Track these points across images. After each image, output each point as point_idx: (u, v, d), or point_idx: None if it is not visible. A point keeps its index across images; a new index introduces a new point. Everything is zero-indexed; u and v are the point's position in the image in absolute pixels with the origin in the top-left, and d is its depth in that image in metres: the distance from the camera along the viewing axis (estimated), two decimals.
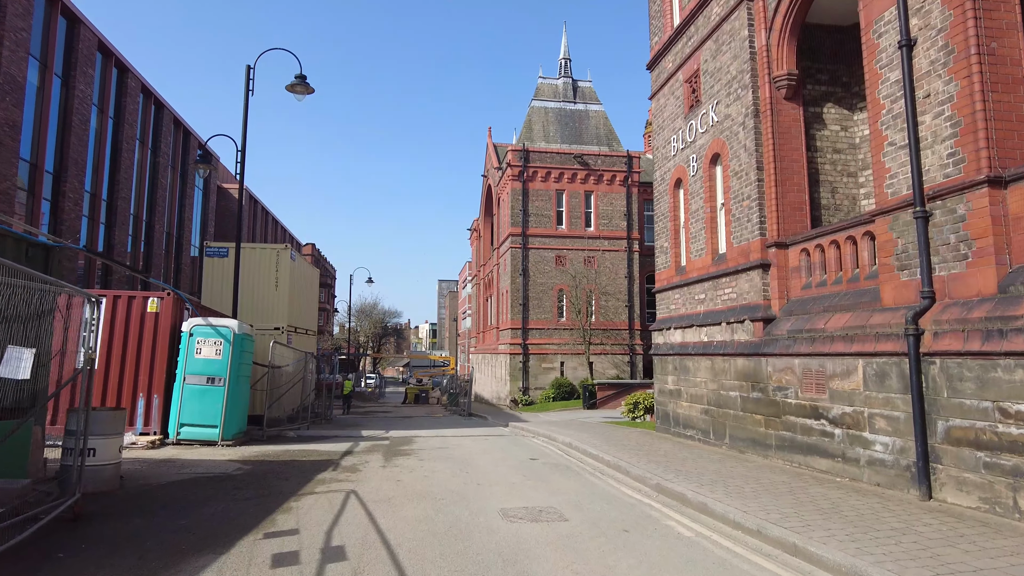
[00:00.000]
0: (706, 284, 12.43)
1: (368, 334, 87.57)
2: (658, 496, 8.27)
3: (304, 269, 24.12)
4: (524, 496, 8.12)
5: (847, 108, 11.40)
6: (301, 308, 23.50)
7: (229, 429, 12.76)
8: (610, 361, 35.11)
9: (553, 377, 34.33)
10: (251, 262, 21.23)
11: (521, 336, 34.35)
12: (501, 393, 37.00)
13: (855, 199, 11.20)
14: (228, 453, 11.66)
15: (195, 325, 12.90)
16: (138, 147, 29.88)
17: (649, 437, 13.72)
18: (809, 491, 7.85)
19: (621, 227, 36.15)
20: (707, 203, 12.52)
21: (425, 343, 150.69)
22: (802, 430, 9.36)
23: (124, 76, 27.83)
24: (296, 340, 22.67)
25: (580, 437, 13.90)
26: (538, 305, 35.01)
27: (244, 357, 13.47)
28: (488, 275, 47.26)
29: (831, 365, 8.73)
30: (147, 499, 7.53)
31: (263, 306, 21.01)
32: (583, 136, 37.86)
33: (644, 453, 11.29)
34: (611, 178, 36.26)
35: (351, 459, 11.22)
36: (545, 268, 35.24)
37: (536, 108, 38.40)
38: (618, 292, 35.31)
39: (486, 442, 14.42)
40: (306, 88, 16.84)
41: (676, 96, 14.09)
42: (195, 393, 12.63)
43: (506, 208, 36.64)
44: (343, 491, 8.24)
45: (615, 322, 35.12)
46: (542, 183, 35.71)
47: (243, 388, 13.56)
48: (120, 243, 27.67)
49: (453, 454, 12.09)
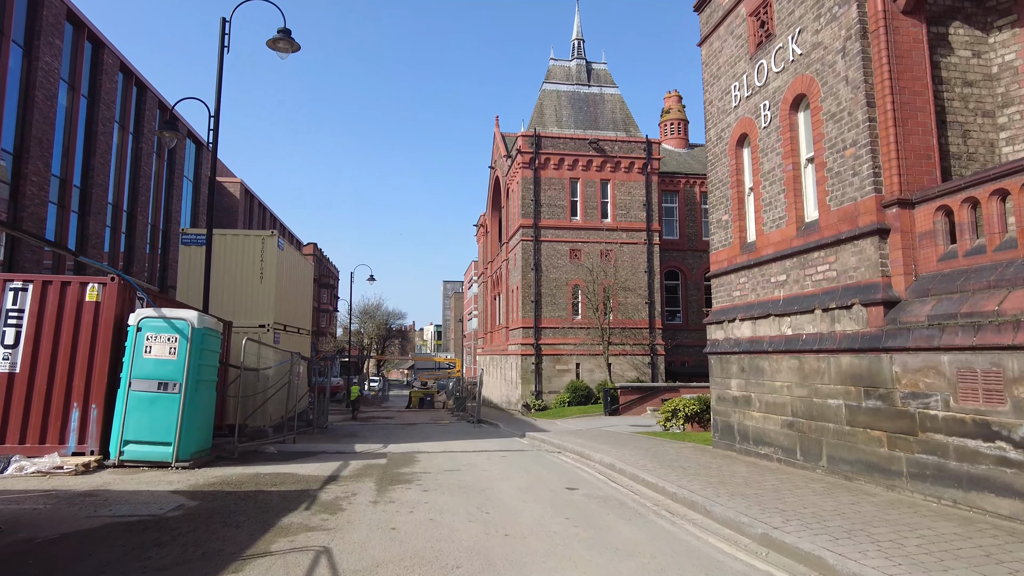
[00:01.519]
0: (788, 262, 9.78)
1: (372, 336, 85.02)
2: (777, 557, 5.63)
3: (295, 261, 21.57)
4: (578, 560, 5.50)
5: (979, 28, 8.75)
6: (291, 304, 20.94)
7: (187, 446, 10.18)
8: (629, 363, 32.43)
9: (568, 380, 31.67)
10: (231, 251, 18.69)
11: (533, 336, 31.71)
12: (512, 397, 34.36)
13: (993, 145, 8.54)
14: (179, 480, 9.07)
15: (144, 317, 10.32)
16: (117, 131, 27.41)
17: (707, 455, 11.08)
18: (1021, 554, 5.20)
19: (640, 218, 33.49)
20: (787, 159, 9.87)
21: (430, 345, 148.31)
22: (959, 454, 6.70)
23: (99, 52, 25.35)
24: (286, 340, 20.11)
25: (621, 455, 11.27)
26: (551, 302, 32.37)
27: (206, 357, 10.89)
28: (496, 272, 44.64)
29: (1015, 363, 6.08)
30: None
31: (246, 301, 18.47)
32: (598, 121, 35.24)
33: (715, 480, 8.65)
34: (629, 165, 33.62)
35: (335, 488, 8.61)
36: (559, 262, 32.61)
37: (548, 91, 35.81)
38: (638, 288, 32.64)
39: (504, 461, 11.80)
40: (290, 44, 14.28)
41: (736, 36, 11.46)
42: (143, 402, 10.06)
43: (516, 198, 34.04)
44: (312, 550, 5.64)
45: (634, 320, 32.44)
46: (555, 171, 33.10)
47: (205, 395, 10.97)
48: (96, 234, 25.16)
49: (465, 479, 9.47)
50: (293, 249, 21.24)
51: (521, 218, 32.54)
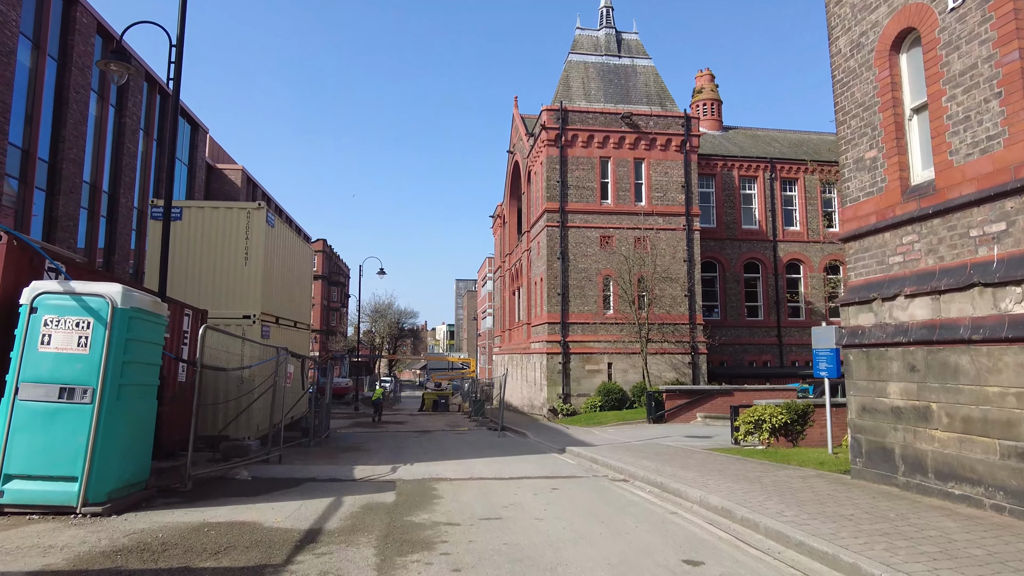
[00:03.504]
0: (1012, 202, 6.34)
1: (383, 335, 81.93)
2: None
3: (289, 242, 18.36)
4: None
5: None
6: (285, 293, 17.75)
7: (102, 482, 6.93)
8: (667, 362, 28.97)
9: (599, 381, 28.26)
10: (210, 226, 15.51)
11: (560, 332, 28.32)
12: (535, 400, 31.02)
13: None
14: (68, 542, 5.80)
15: (41, 294, 7.08)
16: (95, 101, 24.40)
17: (858, 492, 7.67)
18: None
19: (678, 201, 30.02)
20: (1010, 43, 6.41)
21: (442, 345, 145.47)
22: None
23: (71, 8, 22.32)
24: (279, 335, 16.91)
25: (726, 490, 7.89)
26: (580, 295, 28.98)
27: (139, 351, 7.62)
28: (515, 264, 41.30)
29: None
30: None
31: (227, 286, 15.29)
32: (630, 95, 31.79)
33: (935, 550, 5.25)
34: (665, 143, 30.15)
35: (307, 565, 5.31)
36: (588, 250, 29.22)
37: (574, 63, 32.41)
38: (677, 278, 29.14)
39: (560, 499, 8.44)
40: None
41: None
42: (36, 417, 6.83)
43: (540, 181, 30.68)
44: None
45: (672, 315, 28.95)
46: (583, 149, 29.71)
47: (137, 405, 7.71)
48: (68, 215, 22.12)
49: (514, 540, 6.12)
50: (287, 228, 18.03)
51: (546, 202, 29.19)
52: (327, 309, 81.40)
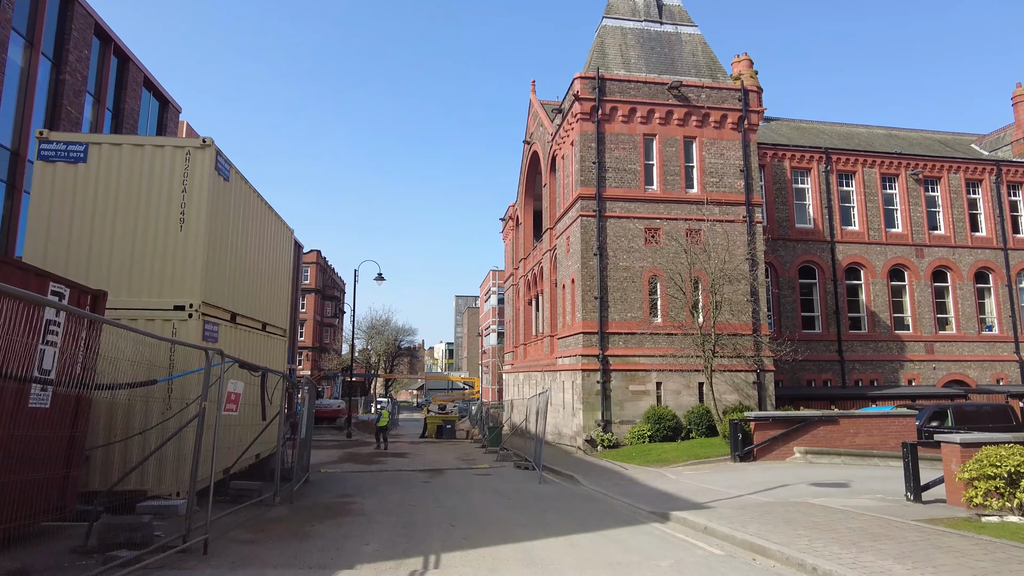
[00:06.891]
0: None
1: (380, 353, 76.17)
2: None
3: (256, 210, 13.13)
4: None
5: None
6: (247, 280, 12.42)
7: None
8: (728, 382, 23.64)
9: (647, 405, 22.92)
10: (127, 172, 10.32)
11: (598, 344, 23.03)
12: (564, 428, 25.62)
13: None
14: None
15: None
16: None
17: None
18: None
19: (736, 188, 24.94)
20: None
21: (441, 364, 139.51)
22: None
23: None
24: (236, 339, 11.72)
25: None
26: (622, 299, 23.77)
27: None
28: (532, 270, 36.12)
29: None
30: None
31: (150, 262, 10.08)
32: (675, 65, 26.92)
33: None
34: (720, 119, 25.19)
35: None
36: (630, 246, 24.07)
37: (610, 28, 27.59)
38: (738, 280, 23.91)
39: None
40: None
41: None
42: None
43: (571, 164, 25.66)
44: None
45: (733, 324, 23.62)
46: (624, 124, 24.73)
47: None
48: None
49: None
50: (250, 187, 12.80)
51: (579, 187, 24.11)
52: (320, 324, 75.75)
